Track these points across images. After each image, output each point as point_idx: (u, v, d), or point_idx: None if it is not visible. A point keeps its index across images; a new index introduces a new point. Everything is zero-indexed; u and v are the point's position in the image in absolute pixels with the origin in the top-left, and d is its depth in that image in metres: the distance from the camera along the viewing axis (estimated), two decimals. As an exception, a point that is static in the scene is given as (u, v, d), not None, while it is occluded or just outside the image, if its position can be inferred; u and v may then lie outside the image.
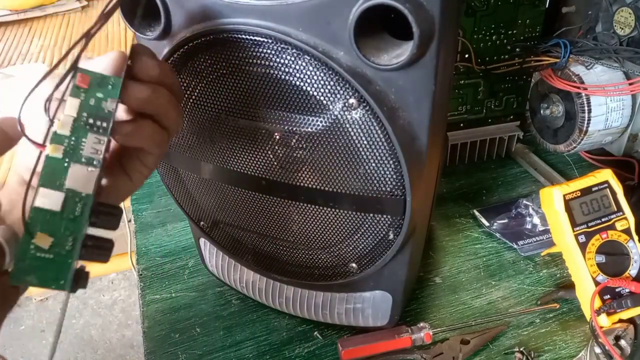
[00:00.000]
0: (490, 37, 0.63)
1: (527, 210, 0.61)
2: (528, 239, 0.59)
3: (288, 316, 0.51)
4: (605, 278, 0.48)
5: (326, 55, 0.32)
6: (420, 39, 0.29)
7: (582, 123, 0.61)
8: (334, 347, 0.48)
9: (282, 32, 0.33)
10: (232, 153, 0.40)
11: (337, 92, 0.33)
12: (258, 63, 0.35)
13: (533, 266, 0.56)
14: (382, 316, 0.47)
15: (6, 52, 1.46)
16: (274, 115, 0.36)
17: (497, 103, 0.68)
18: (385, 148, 0.34)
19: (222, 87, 0.37)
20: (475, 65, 0.63)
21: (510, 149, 0.73)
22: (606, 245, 0.49)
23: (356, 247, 0.41)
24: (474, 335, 0.48)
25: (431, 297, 0.53)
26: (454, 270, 0.56)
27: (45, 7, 1.68)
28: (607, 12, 0.62)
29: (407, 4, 0.28)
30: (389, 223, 0.39)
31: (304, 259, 0.44)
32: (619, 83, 0.60)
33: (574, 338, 0.49)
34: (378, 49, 0.32)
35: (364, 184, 0.37)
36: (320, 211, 0.40)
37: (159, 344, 0.50)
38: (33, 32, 1.57)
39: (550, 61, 0.63)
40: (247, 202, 0.43)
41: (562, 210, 0.49)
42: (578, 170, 0.70)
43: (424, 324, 0.48)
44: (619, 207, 0.50)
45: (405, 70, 0.32)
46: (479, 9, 0.60)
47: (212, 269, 0.54)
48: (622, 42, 0.60)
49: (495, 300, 0.53)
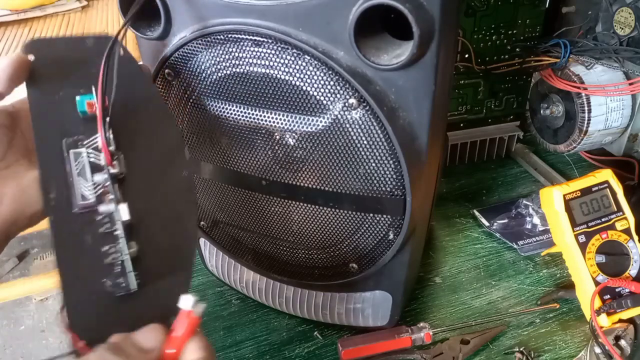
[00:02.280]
0: (490, 37, 0.63)
1: (527, 210, 0.61)
2: (528, 239, 0.59)
3: (288, 316, 0.51)
4: (605, 278, 0.48)
5: (326, 55, 0.32)
6: (420, 39, 0.29)
7: (582, 123, 0.61)
8: (334, 347, 0.48)
9: (282, 32, 0.33)
10: (232, 153, 0.40)
11: (337, 92, 0.33)
12: (258, 63, 0.35)
13: (533, 266, 0.56)
14: (382, 316, 0.47)
15: (6, 52, 1.46)
16: (274, 115, 0.36)
17: (497, 103, 0.68)
18: (385, 148, 0.34)
19: (222, 87, 0.37)
20: (475, 65, 0.63)
21: (510, 149, 0.73)
22: (606, 245, 0.49)
23: (356, 247, 0.41)
24: (474, 335, 0.48)
25: (431, 297, 0.53)
26: (454, 270, 0.56)
27: (45, 7, 1.68)
28: (607, 12, 0.62)
29: (407, 4, 0.28)
30: (389, 223, 0.39)
31: (304, 259, 0.44)
32: (619, 83, 0.60)
33: (574, 338, 0.49)
34: (378, 49, 0.32)
35: (364, 184, 0.37)
36: (320, 211, 0.40)
37: (159, 344, 0.50)
38: (33, 32, 1.57)
39: (550, 61, 0.63)
40: (247, 202, 0.43)
41: (562, 210, 0.49)
42: (578, 170, 0.70)
43: (424, 324, 0.48)
44: (619, 207, 0.50)
45: (405, 70, 0.32)
46: (479, 9, 0.60)
47: (212, 269, 0.54)
48: (622, 42, 0.60)
49: (495, 300, 0.53)
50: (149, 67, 0.39)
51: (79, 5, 1.72)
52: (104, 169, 0.31)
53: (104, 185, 0.31)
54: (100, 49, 0.32)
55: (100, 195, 0.31)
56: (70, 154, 0.31)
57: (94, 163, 0.31)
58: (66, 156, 0.31)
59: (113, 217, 0.31)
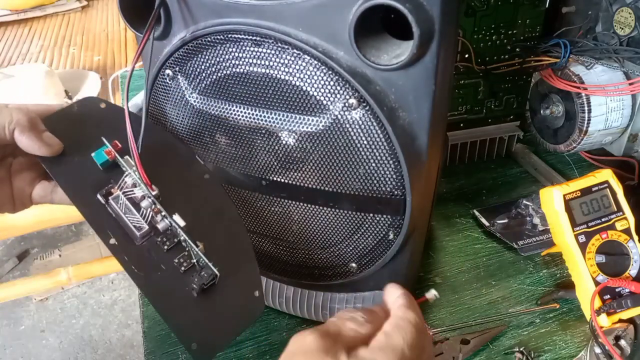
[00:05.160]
0: (490, 37, 0.63)
1: (527, 210, 0.61)
2: (528, 239, 0.59)
3: (288, 316, 0.51)
4: (605, 278, 0.48)
5: (326, 55, 0.32)
6: (420, 39, 0.29)
7: (582, 123, 0.61)
8: (334, 347, 0.48)
9: (282, 32, 0.33)
10: (232, 153, 0.40)
11: (337, 92, 0.33)
12: (258, 63, 0.35)
13: (533, 266, 0.56)
14: (382, 316, 0.47)
15: (6, 52, 1.46)
16: (274, 115, 0.36)
17: (497, 103, 0.68)
18: (385, 148, 0.34)
19: (222, 87, 0.37)
20: (475, 65, 0.63)
21: (510, 149, 0.73)
22: (606, 245, 0.49)
23: (356, 247, 0.41)
24: (474, 335, 0.48)
25: (431, 297, 0.53)
26: (454, 270, 0.56)
27: (45, 7, 1.68)
28: (607, 12, 0.62)
29: (407, 4, 0.28)
30: (389, 223, 0.39)
31: (304, 259, 0.44)
32: (619, 83, 0.60)
33: (574, 338, 0.49)
34: (378, 49, 0.32)
35: (364, 184, 0.37)
36: (320, 211, 0.40)
37: (159, 344, 0.50)
38: (33, 32, 1.57)
39: (550, 61, 0.63)
40: (247, 202, 0.43)
41: (562, 210, 0.49)
42: (578, 170, 0.70)
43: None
44: (619, 207, 0.50)
45: (405, 70, 0.32)
46: (479, 9, 0.60)
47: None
48: (622, 42, 0.60)
49: (495, 300, 0.53)
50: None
51: (79, 5, 1.72)
52: (146, 196, 0.35)
53: (152, 209, 0.35)
54: (86, 107, 0.38)
55: (150, 221, 0.35)
56: (109, 202, 0.35)
57: (132, 198, 0.35)
58: (106, 205, 0.35)
59: (172, 229, 0.35)
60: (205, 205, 0.37)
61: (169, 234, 0.35)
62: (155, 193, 0.35)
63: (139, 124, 0.35)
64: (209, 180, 0.39)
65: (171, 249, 0.34)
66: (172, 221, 0.34)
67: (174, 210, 0.34)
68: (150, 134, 0.35)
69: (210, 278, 0.34)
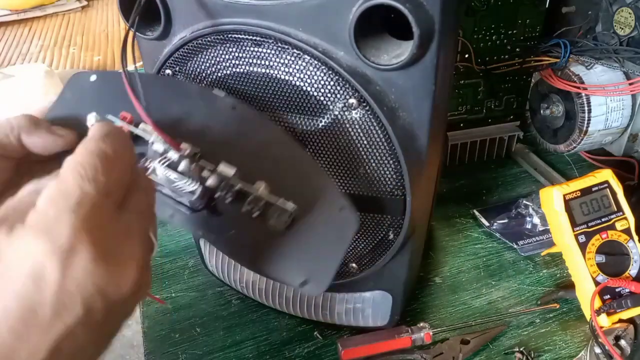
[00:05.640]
0: (490, 37, 0.63)
1: (527, 210, 0.61)
2: (528, 239, 0.59)
3: (288, 316, 0.51)
4: (605, 278, 0.48)
5: (326, 55, 0.32)
6: (420, 39, 0.29)
7: (582, 123, 0.61)
8: (334, 347, 0.48)
9: (281, 32, 0.33)
10: (232, 153, 0.40)
11: (337, 92, 0.33)
12: (258, 63, 0.35)
13: (533, 266, 0.56)
14: (382, 316, 0.47)
15: (6, 52, 1.46)
16: (274, 115, 0.36)
17: (497, 103, 0.68)
18: (385, 148, 0.34)
19: (222, 87, 0.37)
20: (475, 65, 0.63)
21: (510, 149, 0.73)
22: (606, 245, 0.49)
23: (356, 247, 0.41)
24: (474, 335, 0.48)
25: (431, 297, 0.53)
26: (454, 270, 0.56)
27: (45, 7, 1.68)
28: (607, 12, 0.62)
29: (407, 4, 0.28)
30: (389, 223, 0.39)
31: (304, 259, 0.44)
32: (619, 83, 0.60)
33: (574, 338, 0.49)
34: (378, 49, 0.32)
35: (364, 184, 0.37)
36: (320, 211, 0.40)
37: (159, 344, 0.50)
38: (33, 32, 1.57)
39: (550, 61, 0.63)
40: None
41: (562, 210, 0.49)
42: (578, 170, 0.70)
43: (424, 324, 0.48)
44: (619, 207, 0.50)
45: (405, 70, 0.32)
46: (479, 9, 0.60)
47: (212, 269, 0.54)
48: (622, 42, 0.61)
49: (495, 300, 0.53)
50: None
51: (79, 5, 1.72)
52: (182, 158, 0.31)
53: (193, 168, 0.31)
54: (77, 88, 0.35)
55: (199, 181, 0.31)
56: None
57: (170, 165, 0.31)
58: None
59: (224, 180, 0.31)
60: (247, 140, 0.33)
61: (225, 186, 0.31)
62: (189, 151, 0.31)
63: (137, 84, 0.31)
64: (239, 110, 0.34)
65: (234, 201, 0.31)
66: (220, 172, 0.31)
67: (217, 160, 0.31)
68: (153, 87, 0.32)
69: (288, 213, 0.31)
